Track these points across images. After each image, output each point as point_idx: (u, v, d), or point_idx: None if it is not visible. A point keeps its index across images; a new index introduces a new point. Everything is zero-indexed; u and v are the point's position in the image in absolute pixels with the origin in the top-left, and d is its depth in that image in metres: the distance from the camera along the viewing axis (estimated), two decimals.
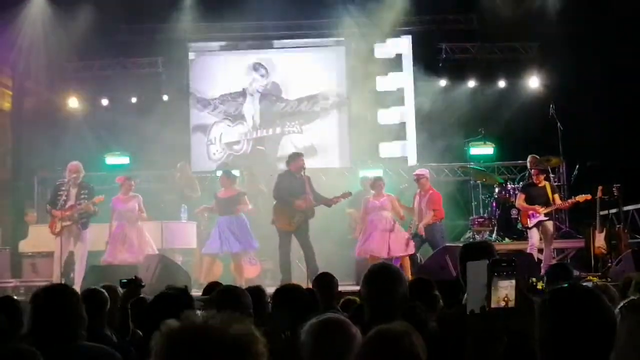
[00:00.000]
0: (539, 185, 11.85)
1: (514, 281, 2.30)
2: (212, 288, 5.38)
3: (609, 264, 11.29)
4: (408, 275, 11.08)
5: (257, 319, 4.48)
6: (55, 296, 3.72)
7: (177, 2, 15.37)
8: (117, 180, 12.33)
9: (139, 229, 12.00)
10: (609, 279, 9.91)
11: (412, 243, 11.55)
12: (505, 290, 2.29)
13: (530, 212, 11.69)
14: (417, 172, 12.30)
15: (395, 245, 11.43)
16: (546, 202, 11.68)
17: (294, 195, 11.22)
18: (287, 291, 4.68)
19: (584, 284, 6.36)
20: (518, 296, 2.31)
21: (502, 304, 2.29)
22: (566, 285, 2.44)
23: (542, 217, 11.60)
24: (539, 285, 4.81)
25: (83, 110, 16.00)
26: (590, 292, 2.41)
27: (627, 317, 2.53)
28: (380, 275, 3.94)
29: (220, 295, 4.21)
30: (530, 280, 4.86)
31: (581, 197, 11.71)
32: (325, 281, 5.88)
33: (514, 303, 2.30)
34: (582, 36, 13.55)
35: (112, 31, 15.33)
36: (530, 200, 11.77)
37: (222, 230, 11.85)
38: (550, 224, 11.73)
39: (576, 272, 10.73)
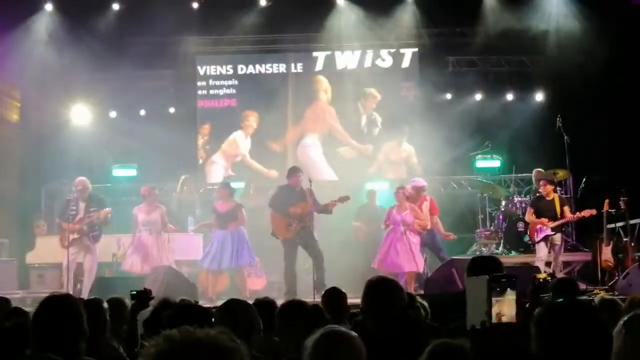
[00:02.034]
0: (548, 198, 11.83)
1: (513, 297, 2.31)
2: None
3: (616, 278, 11.27)
4: (411, 289, 11.16)
5: (266, 334, 4.50)
6: (55, 307, 3.69)
7: (185, 15, 15.43)
8: (142, 192, 12.43)
9: (161, 241, 12.04)
10: (616, 293, 9.89)
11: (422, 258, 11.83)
12: (504, 306, 2.30)
13: (538, 226, 11.68)
14: (422, 183, 12.38)
15: (419, 260, 11.63)
16: (554, 216, 11.66)
17: (291, 204, 11.30)
18: (291, 308, 4.67)
19: (590, 297, 6.36)
20: (519, 311, 2.31)
21: (503, 319, 2.30)
22: (561, 300, 2.44)
23: (549, 232, 11.57)
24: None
25: (91, 122, 16.05)
26: (586, 307, 2.41)
27: (630, 332, 2.53)
28: (380, 288, 3.95)
29: (224, 309, 4.20)
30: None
31: (586, 212, 11.69)
32: (334, 296, 5.81)
33: (514, 318, 2.31)
34: (588, 49, 13.53)
35: (121, 44, 15.38)
36: (538, 214, 11.75)
37: (218, 245, 11.91)
38: (558, 238, 11.71)
39: (583, 286, 10.72)
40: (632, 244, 11.92)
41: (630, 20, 13.38)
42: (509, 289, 2.33)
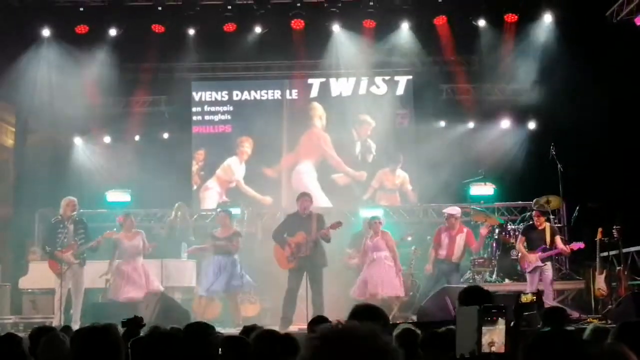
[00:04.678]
0: (540, 227, 11.88)
1: (503, 326, 2.33)
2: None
3: (609, 306, 11.26)
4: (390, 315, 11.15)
5: None
6: (96, 339, 3.60)
7: (181, 41, 15.50)
8: (118, 220, 12.39)
9: (143, 265, 12.00)
10: (609, 321, 9.88)
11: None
12: (495, 336, 2.32)
13: (528, 260, 11.75)
14: (454, 210, 12.53)
15: (398, 285, 11.75)
16: (544, 246, 11.73)
17: (291, 234, 11.25)
18: (262, 338, 4.65)
19: (583, 326, 6.37)
20: (508, 341, 2.33)
21: (492, 348, 2.32)
22: (548, 330, 2.46)
23: (539, 263, 11.62)
24: None
25: (85, 147, 16.08)
26: (571, 337, 2.43)
27: None
28: (364, 315, 3.97)
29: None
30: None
31: (574, 245, 11.80)
32: (318, 325, 5.80)
33: (503, 348, 2.32)
34: (582, 77, 13.61)
35: (117, 70, 15.43)
36: (529, 243, 11.81)
37: (215, 270, 11.88)
38: (549, 269, 11.75)
39: (576, 314, 10.73)
40: (626, 273, 11.93)
41: (623, 46, 13.47)
42: (499, 318, 2.34)
